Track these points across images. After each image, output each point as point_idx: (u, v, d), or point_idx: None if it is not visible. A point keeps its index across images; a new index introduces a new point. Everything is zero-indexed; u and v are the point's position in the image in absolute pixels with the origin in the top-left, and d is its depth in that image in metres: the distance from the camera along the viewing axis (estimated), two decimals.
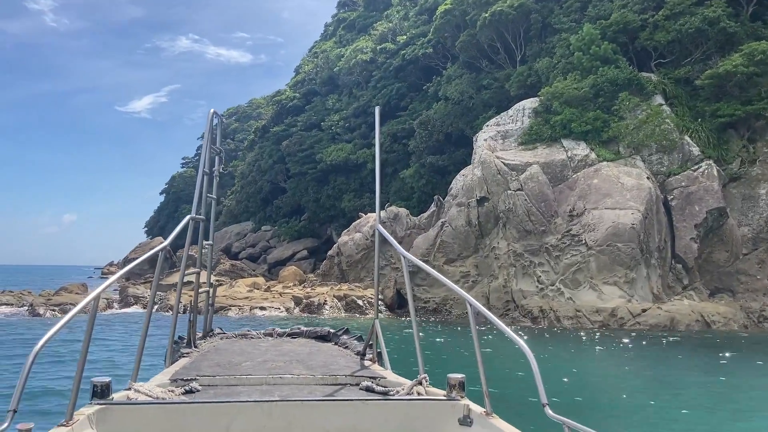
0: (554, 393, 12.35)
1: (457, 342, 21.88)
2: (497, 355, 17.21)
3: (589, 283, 26.86)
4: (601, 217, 27.85)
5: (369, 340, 5.52)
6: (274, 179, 58.28)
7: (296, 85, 65.01)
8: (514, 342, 3.18)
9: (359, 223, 35.88)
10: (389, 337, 22.31)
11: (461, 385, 3.63)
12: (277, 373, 4.59)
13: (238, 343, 6.40)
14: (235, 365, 4.92)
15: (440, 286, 30.90)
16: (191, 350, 5.71)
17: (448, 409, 3.53)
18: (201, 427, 3.38)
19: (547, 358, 17.63)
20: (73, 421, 3.03)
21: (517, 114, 33.84)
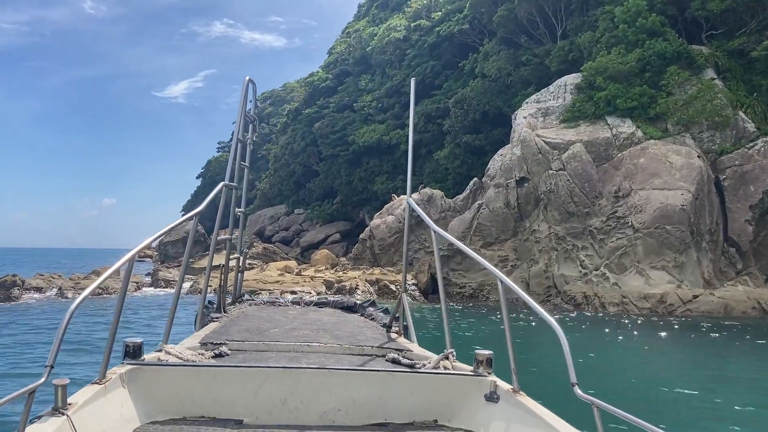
0: (593, 381, 11.32)
1: (492, 328, 20.72)
2: (529, 336, 16.15)
3: (635, 268, 25.38)
4: (649, 198, 26.29)
5: (396, 312, 5.47)
6: (307, 162, 57.43)
7: (329, 66, 63.88)
8: (545, 320, 3.08)
9: (392, 205, 34.78)
10: (419, 323, 21.23)
11: (489, 361, 3.57)
12: (305, 341, 4.60)
13: (266, 310, 6.51)
14: (264, 331, 4.95)
15: (476, 271, 29.71)
16: (221, 315, 5.77)
17: (474, 384, 3.49)
18: (230, 391, 3.38)
19: (589, 345, 16.39)
20: (106, 379, 3.09)
21: (559, 90, 32.25)
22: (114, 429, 2.98)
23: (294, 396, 3.43)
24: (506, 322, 3.61)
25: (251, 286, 24.74)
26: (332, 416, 3.45)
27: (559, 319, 22.23)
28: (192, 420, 3.30)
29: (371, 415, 3.47)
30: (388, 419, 3.47)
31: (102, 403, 2.98)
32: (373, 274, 28.95)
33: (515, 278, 28.59)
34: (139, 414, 3.22)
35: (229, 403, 3.39)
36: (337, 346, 4.56)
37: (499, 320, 22.43)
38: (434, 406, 3.53)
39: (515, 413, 3.18)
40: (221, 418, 3.34)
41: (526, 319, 19.98)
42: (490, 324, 21.50)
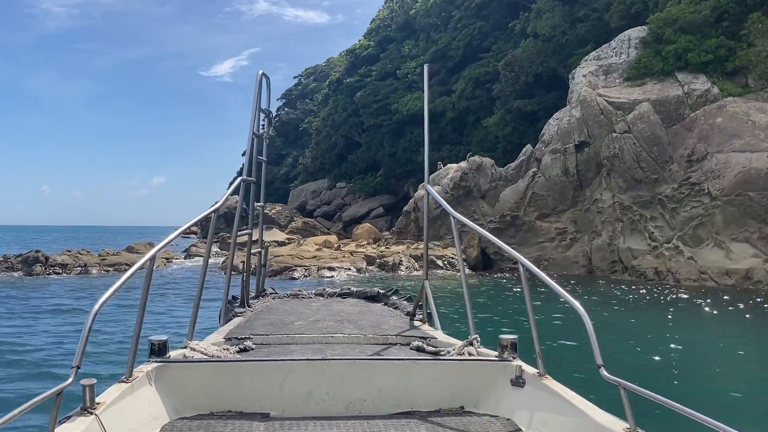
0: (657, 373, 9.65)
1: (545, 306, 18.37)
2: (558, 318, 13.86)
3: (713, 240, 22.54)
4: (728, 161, 23.32)
5: (419, 300, 5.46)
6: (349, 133, 55.26)
7: (370, 33, 61.33)
8: (568, 302, 3.04)
9: (438, 174, 32.40)
10: (472, 299, 18.94)
11: (513, 346, 3.55)
12: (329, 332, 4.65)
13: (289, 303, 6.53)
14: (288, 324, 5.03)
15: (532, 245, 27.23)
16: (244, 310, 5.80)
17: (500, 369, 3.46)
18: (255, 385, 3.38)
19: (664, 327, 13.91)
20: (133, 377, 3.11)
21: (622, 45, 29.20)
22: (142, 426, 2.99)
23: (319, 387, 3.42)
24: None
25: (285, 262, 22.86)
26: (358, 406, 3.42)
27: (626, 297, 19.67)
28: (219, 415, 3.27)
29: (397, 404, 3.44)
30: (414, 407, 3.43)
31: (130, 401, 2.99)
32: (418, 248, 26.74)
33: (575, 252, 26.07)
34: (167, 411, 3.21)
35: (255, 397, 3.38)
36: (361, 336, 4.59)
37: (554, 296, 19.96)
38: (460, 392, 3.49)
39: (542, 397, 3.14)
40: (248, 412, 3.31)
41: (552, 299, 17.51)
42: (542, 298, 19.14)
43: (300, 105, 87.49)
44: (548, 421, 3.03)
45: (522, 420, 3.19)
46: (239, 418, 3.23)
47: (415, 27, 54.14)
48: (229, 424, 3.14)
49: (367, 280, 23.06)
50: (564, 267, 25.66)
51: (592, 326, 2.86)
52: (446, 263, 25.68)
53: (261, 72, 6.08)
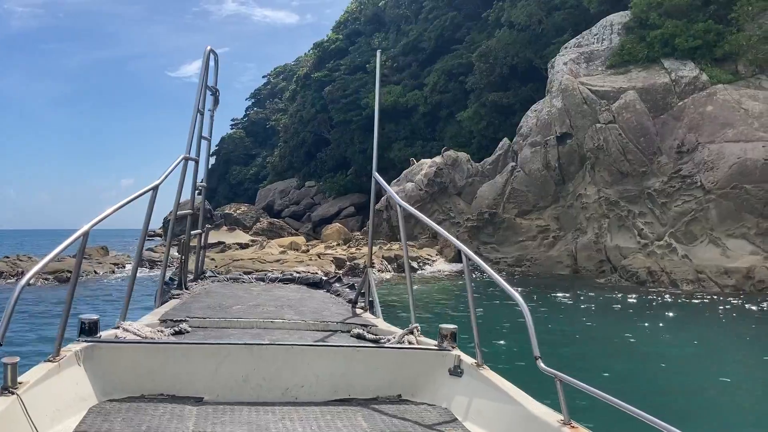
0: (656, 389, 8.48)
1: (534, 309, 16.59)
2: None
3: (708, 237, 20.98)
4: (722, 152, 21.80)
5: (361, 288, 5.45)
6: (317, 130, 53.12)
7: (339, 27, 59.23)
8: (509, 293, 3.06)
9: (411, 171, 30.52)
10: (445, 303, 17.17)
11: (453, 335, 3.55)
12: (268, 317, 4.55)
13: (229, 287, 6.40)
14: (226, 308, 4.89)
15: (512, 244, 25.48)
16: (182, 292, 5.64)
17: (439, 358, 3.47)
18: (189, 368, 3.30)
19: (664, 336, 12.19)
20: (60, 357, 3.01)
21: (604, 31, 27.60)
22: (68, 407, 2.90)
23: (256, 373, 3.34)
24: (470, 296, 3.57)
25: (245, 266, 20.73)
26: (295, 392, 3.37)
27: (618, 302, 17.95)
28: (150, 397, 3.19)
29: (334, 391, 3.39)
30: (352, 394, 3.39)
31: (55, 382, 2.88)
32: (391, 249, 24.83)
33: (559, 252, 24.35)
34: (96, 392, 3.11)
35: (188, 381, 3.28)
36: (301, 322, 4.50)
37: (545, 298, 18.38)
38: (398, 380, 3.46)
39: (479, 387, 3.16)
40: (181, 395, 3.23)
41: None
42: (528, 299, 17.34)
43: (269, 104, 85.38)
44: (484, 411, 3.03)
45: (458, 409, 3.19)
46: (171, 402, 3.15)
47: (384, 19, 52.27)
48: (161, 407, 3.06)
49: None
50: (547, 267, 23.92)
51: (531, 319, 2.87)
52: (422, 263, 23.76)
53: (209, 48, 5.88)
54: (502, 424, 2.86)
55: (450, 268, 22.82)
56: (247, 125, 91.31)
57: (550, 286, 20.53)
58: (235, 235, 33.48)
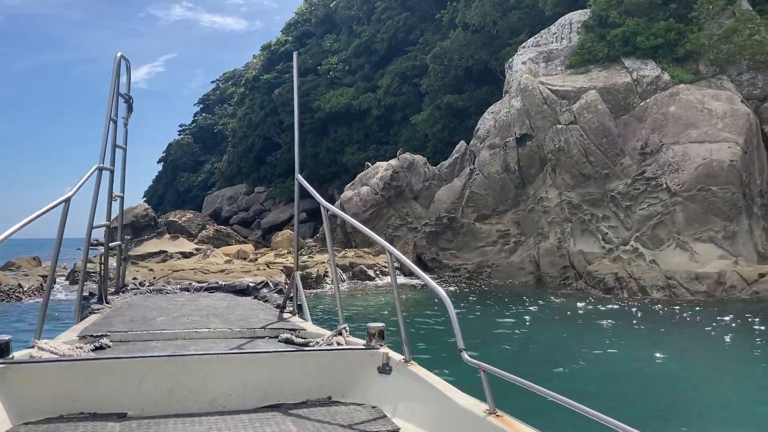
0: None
1: (488, 314, 15.47)
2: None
3: (675, 241, 20.24)
4: (687, 153, 21.14)
5: (289, 292, 5.43)
6: (267, 134, 51.35)
7: (288, 28, 57.61)
8: (432, 288, 3.12)
9: (366, 174, 29.19)
10: (411, 320, 15.91)
11: (381, 333, 3.57)
12: (193, 327, 4.49)
13: (152, 299, 6.33)
14: (149, 320, 4.81)
15: (471, 250, 24.37)
16: (102, 306, 5.54)
17: (367, 357, 3.48)
18: (111, 384, 3.20)
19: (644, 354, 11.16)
20: None
21: (563, 30, 26.83)
22: None
23: (181, 384, 3.25)
24: (396, 294, 3.66)
25: (185, 277, 19.06)
26: (222, 402, 3.27)
27: (587, 307, 16.96)
28: (70, 417, 3.05)
29: (263, 398, 3.34)
30: (281, 400, 3.35)
31: None
32: (346, 257, 23.40)
33: (521, 258, 23.29)
34: (9, 415, 2.95)
35: (110, 398, 3.17)
36: (228, 330, 4.41)
37: (504, 305, 17.28)
38: (328, 382, 3.44)
39: (407, 383, 3.22)
40: (102, 413, 3.13)
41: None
42: (484, 306, 16.17)
43: (218, 110, 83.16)
44: (412, 406, 3.08)
45: (388, 406, 3.22)
46: (92, 420, 3.02)
47: (335, 20, 50.93)
48: (81, 426, 2.92)
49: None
50: (509, 274, 22.85)
51: (455, 312, 2.91)
52: (379, 272, 22.39)
53: (119, 54, 5.84)
54: (430, 417, 2.91)
55: (407, 280, 21.53)
56: (195, 131, 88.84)
57: (512, 297, 19.47)
58: (179, 243, 31.55)
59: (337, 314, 4.21)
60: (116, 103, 5.83)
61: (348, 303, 17.89)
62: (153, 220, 46.77)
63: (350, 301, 18.37)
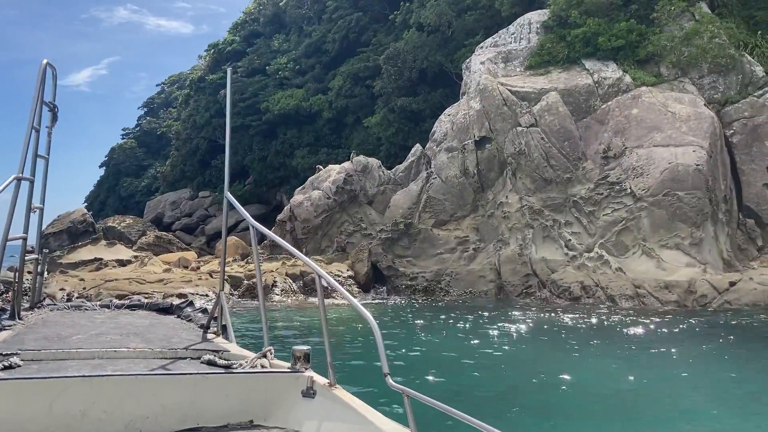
0: None
1: (445, 331, 14.31)
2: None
3: (641, 247, 19.48)
4: (651, 157, 20.46)
5: (213, 312, 5.31)
6: (212, 136, 49.23)
7: (236, 28, 55.69)
8: (358, 311, 3.12)
9: (318, 177, 27.75)
10: (353, 340, 14.60)
11: (306, 357, 3.55)
12: (111, 346, 4.28)
13: (70, 316, 6.03)
14: (65, 338, 4.56)
15: (429, 257, 23.20)
16: (14, 323, 5.21)
17: (291, 381, 3.45)
18: (19, 407, 3.01)
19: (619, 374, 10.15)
20: None
21: (521, 30, 26.03)
22: None
23: (96, 406, 3.12)
24: (323, 316, 3.65)
25: (119, 288, 17.29)
26: (139, 424, 3.17)
27: (552, 319, 15.96)
28: None
29: (182, 420, 3.24)
30: (201, 423, 3.27)
31: None
32: (295, 265, 21.92)
33: (481, 265, 22.22)
34: None
35: (18, 421, 2.99)
36: (148, 350, 4.20)
37: (466, 317, 16.16)
38: (250, 406, 3.39)
39: (331, 407, 3.20)
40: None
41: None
42: (445, 326, 15.01)
43: (163, 114, 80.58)
44: (335, 431, 3.06)
45: (310, 431, 3.19)
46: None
47: (285, 20, 49.34)
48: None
49: (233, 310, 17.99)
50: (469, 283, 21.74)
51: (381, 335, 2.93)
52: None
53: (45, 61, 5.47)
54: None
55: (367, 299, 20.17)
56: (139, 135, 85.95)
57: (471, 309, 18.35)
58: (116, 250, 29.49)
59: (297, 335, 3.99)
60: (40, 112, 5.55)
61: (294, 316, 16.45)
62: (91, 226, 44.17)
63: (296, 316, 16.90)
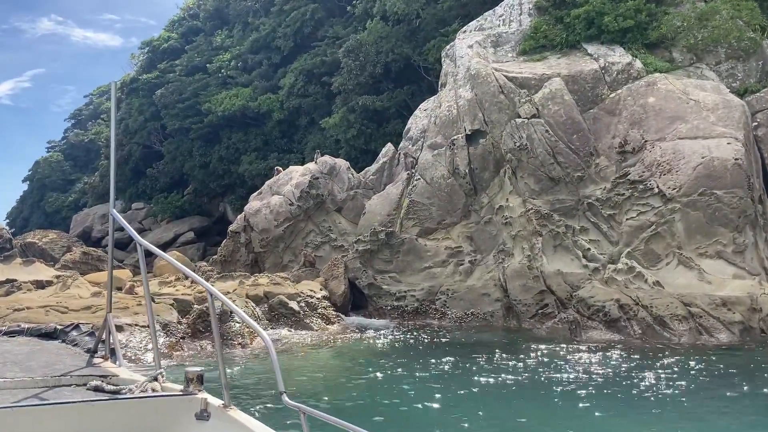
0: None
1: (448, 379, 10.83)
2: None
3: (676, 256, 16.40)
4: (679, 150, 17.51)
5: (101, 335, 4.97)
6: (147, 141, 44.53)
7: (173, 25, 51.12)
8: (252, 328, 2.96)
9: (277, 181, 23.81)
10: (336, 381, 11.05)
11: (200, 378, 3.45)
12: None
13: None
14: None
15: (416, 272, 19.64)
16: None
17: (184, 404, 3.35)
18: None
19: None
20: None
21: (510, 12, 22.92)
22: None
23: None
24: (216, 337, 3.56)
25: (35, 319, 13.02)
26: None
27: (590, 353, 12.62)
28: None
29: None
30: None
31: None
32: (257, 284, 17.89)
33: (483, 281, 18.74)
34: None
35: None
36: (28, 379, 3.91)
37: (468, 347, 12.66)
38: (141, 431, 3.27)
39: (225, 429, 3.15)
40: None
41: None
42: (447, 369, 11.49)
43: (91, 126, 74.99)
44: None
45: None
46: None
47: (228, 15, 45.19)
48: None
49: (186, 355, 13.94)
50: (470, 303, 18.23)
51: (275, 354, 2.91)
52: (305, 306, 16.98)
53: None
54: None
55: (337, 331, 16.38)
56: (65, 148, 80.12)
57: (477, 341, 14.91)
58: (33, 269, 24.70)
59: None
60: None
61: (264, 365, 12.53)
62: (8, 242, 39.01)
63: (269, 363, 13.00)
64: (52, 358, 4.72)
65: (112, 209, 4.98)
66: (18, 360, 4.55)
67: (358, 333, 15.96)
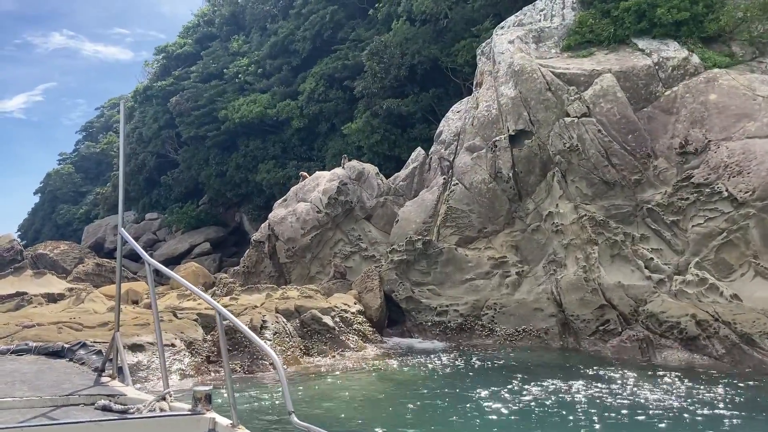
0: None
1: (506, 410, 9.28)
2: None
3: (752, 267, 14.76)
4: (749, 150, 15.93)
5: (109, 353, 4.98)
6: (162, 150, 43.34)
7: (188, 32, 50.05)
8: (262, 350, 2.88)
9: (303, 187, 22.38)
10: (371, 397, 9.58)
11: (208, 398, 3.43)
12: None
13: None
14: None
15: (456, 285, 18.09)
16: None
17: (192, 423, 3.34)
18: None
19: None
20: None
21: (552, 6, 21.47)
22: None
23: None
24: (224, 357, 3.55)
25: (45, 337, 11.58)
26: None
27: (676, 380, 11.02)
28: None
29: None
30: None
31: None
32: (287, 297, 16.39)
33: (535, 294, 17.14)
34: None
35: None
36: (36, 398, 3.93)
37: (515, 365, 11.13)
38: None
39: None
40: None
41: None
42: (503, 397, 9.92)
43: (102, 138, 74.48)
44: None
45: None
46: None
47: (244, 20, 44.05)
48: None
49: (212, 376, 12.45)
50: (521, 319, 16.66)
51: (284, 374, 2.92)
52: (341, 321, 15.48)
53: None
54: None
55: (376, 351, 14.86)
56: (77, 160, 79.74)
57: (535, 365, 13.34)
58: (45, 281, 23.43)
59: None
60: None
61: (301, 375, 11.09)
62: (19, 254, 37.77)
63: (297, 386, 11.48)
64: (60, 377, 4.71)
65: (120, 228, 4.93)
66: (26, 379, 4.54)
67: (401, 357, 14.40)
